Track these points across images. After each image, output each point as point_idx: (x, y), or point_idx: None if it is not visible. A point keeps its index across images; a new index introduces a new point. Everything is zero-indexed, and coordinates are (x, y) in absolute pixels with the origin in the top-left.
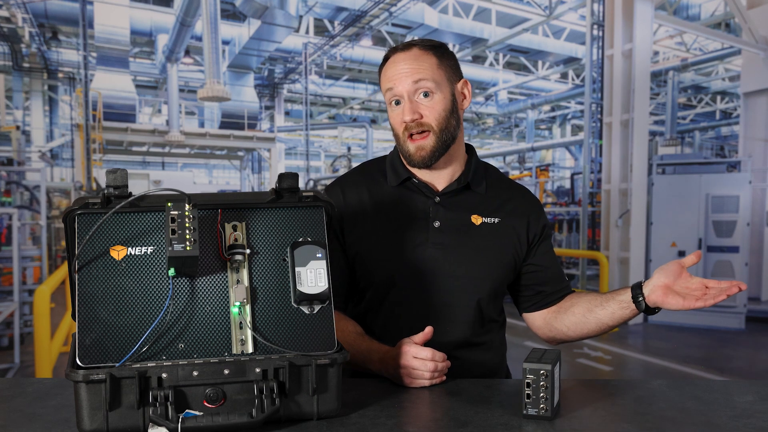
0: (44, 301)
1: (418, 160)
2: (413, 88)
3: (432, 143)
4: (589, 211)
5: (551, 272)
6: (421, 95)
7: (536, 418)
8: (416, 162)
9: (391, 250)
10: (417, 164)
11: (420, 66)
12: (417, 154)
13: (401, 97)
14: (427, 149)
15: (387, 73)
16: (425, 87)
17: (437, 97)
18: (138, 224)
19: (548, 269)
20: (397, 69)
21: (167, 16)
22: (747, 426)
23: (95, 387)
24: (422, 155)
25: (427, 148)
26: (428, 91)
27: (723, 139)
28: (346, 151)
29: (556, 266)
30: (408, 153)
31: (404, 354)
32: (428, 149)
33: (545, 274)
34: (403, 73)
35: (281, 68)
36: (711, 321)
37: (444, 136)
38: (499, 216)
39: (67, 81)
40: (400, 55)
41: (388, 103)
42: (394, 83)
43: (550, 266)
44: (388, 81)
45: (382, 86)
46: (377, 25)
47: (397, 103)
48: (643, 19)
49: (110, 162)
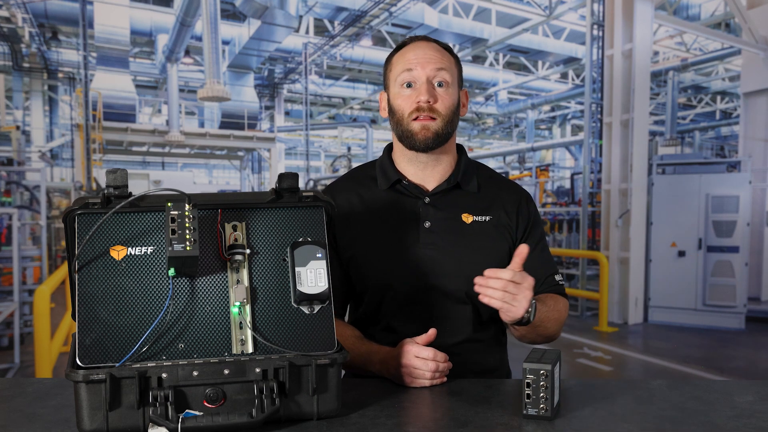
0: (44, 301)
1: (421, 139)
2: (434, 74)
3: (437, 126)
4: (589, 211)
5: (530, 270)
6: (437, 84)
7: (536, 418)
8: (419, 142)
9: (383, 253)
10: (419, 144)
11: (443, 57)
12: (421, 133)
13: (418, 80)
14: (431, 130)
15: (407, 56)
16: (443, 77)
17: (451, 91)
18: (138, 224)
19: (528, 265)
20: (420, 53)
21: (167, 16)
22: (747, 426)
23: (95, 387)
24: (426, 135)
25: (431, 129)
26: (444, 82)
27: (723, 139)
28: (346, 151)
29: (540, 264)
30: (411, 132)
31: (406, 353)
32: (433, 130)
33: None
34: (428, 58)
35: (281, 68)
36: (711, 321)
37: (448, 127)
38: (491, 214)
39: (67, 81)
40: (422, 43)
41: (399, 85)
42: (416, 66)
43: (533, 265)
44: (408, 63)
45: (396, 68)
46: (377, 25)
47: (409, 86)
48: (643, 19)
49: (110, 162)
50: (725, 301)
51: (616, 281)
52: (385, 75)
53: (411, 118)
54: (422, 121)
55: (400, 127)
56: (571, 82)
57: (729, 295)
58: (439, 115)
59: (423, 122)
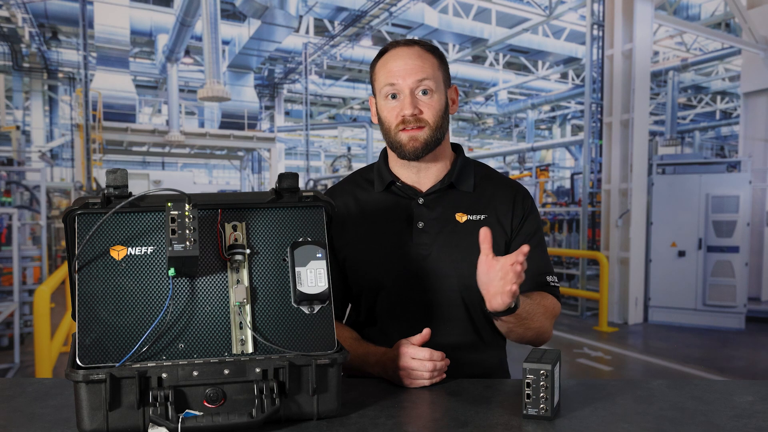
0: (44, 301)
1: (410, 150)
2: (416, 85)
3: (425, 136)
4: (589, 211)
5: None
6: (421, 93)
7: (536, 418)
8: (408, 152)
9: (377, 254)
10: (408, 155)
11: (424, 65)
12: (410, 144)
13: (401, 92)
14: (420, 140)
15: (389, 67)
16: (427, 86)
17: (436, 97)
18: (138, 224)
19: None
20: (401, 64)
21: (167, 16)
22: (747, 426)
23: (95, 387)
24: (415, 146)
25: (420, 140)
26: (428, 90)
27: (723, 139)
28: (346, 151)
29: (530, 260)
30: (399, 143)
31: (402, 355)
32: (421, 140)
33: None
34: (407, 70)
35: (281, 68)
36: (711, 321)
37: (437, 134)
38: (486, 212)
39: (67, 81)
40: (403, 50)
41: (384, 96)
42: (397, 79)
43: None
44: (390, 76)
45: (380, 78)
46: (377, 25)
47: (394, 97)
48: (643, 19)
49: (110, 162)
50: (725, 301)
51: (616, 281)
52: (371, 81)
53: (398, 129)
54: (410, 132)
55: (388, 137)
56: (571, 82)
57: (729, 295)
58: (426, 124)
59: (410, 133)
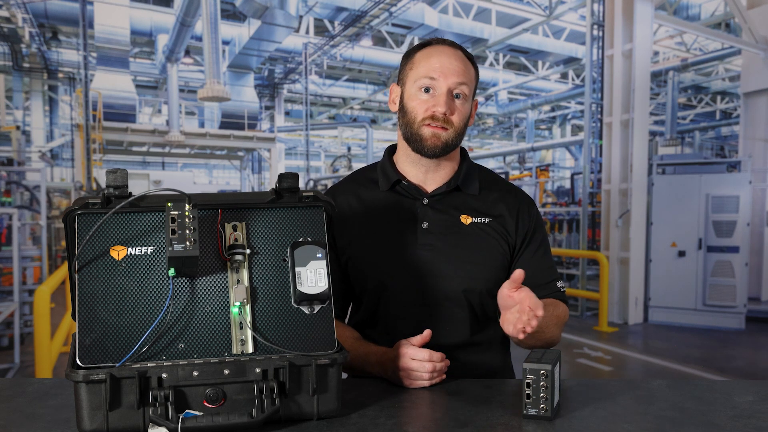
0: (44, 301)
1: (430, 146)
2: (454, 86)
3: (448, 137)
4: (589, 211)
5: (530, 275)
6: (456, 96)
7: (536, 418)
8: (427, 148)
9: (381, 254)
10: (427, 151)
11: (466, 70)
12: (431, 141)
13: (438, 89)
14: (441, 139)
15: (431, 61)
16: (462, 90)
17: (466, 105)
18: (138, 224)
19: (528, 271)
20: (445, 62)
21: (167, 16)
22: (747, 426)
23: (95, 387)
24: (435, 143)
25: (442, 139)
26: (462, 95)
27: (723, 139)
28: (346, 151)
29: (540, 271)
30: (420, 137)
31: (402, 356)
32: (443, 140)
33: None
34: (451, 70)
35: (281, 68)
36: (711, 321)
37: (457, 138)
38: (490, 216)
39: (67, 81)
40: (449, 50)
41: (417, 88)
42: (439, 75)
43: (533, 270)
44: (432, 70)
45: (418, 69)
46: (377, 25)
47: (427, 91)
48: (643, 19)
49: (110, 162)
50: (725, 301)
51: (616, 281)
52: (402, 69)
53: (423, 123)
54: (434, 129)
55: (409, 129)
56: (571, 82)
57: (729, 295)
58: (451, 126)
59: (435, 130)
